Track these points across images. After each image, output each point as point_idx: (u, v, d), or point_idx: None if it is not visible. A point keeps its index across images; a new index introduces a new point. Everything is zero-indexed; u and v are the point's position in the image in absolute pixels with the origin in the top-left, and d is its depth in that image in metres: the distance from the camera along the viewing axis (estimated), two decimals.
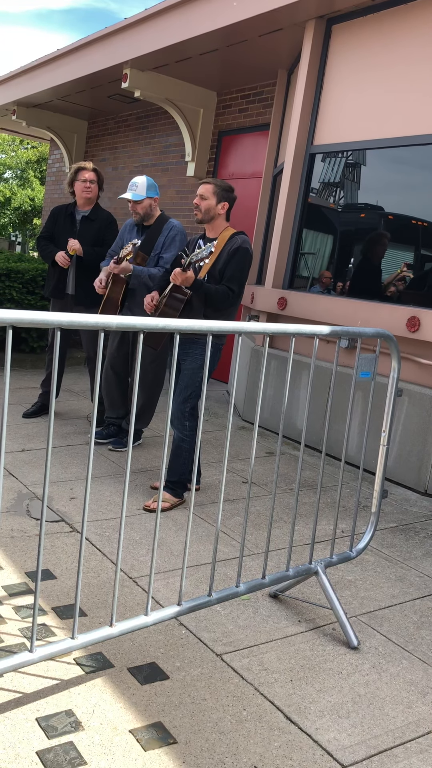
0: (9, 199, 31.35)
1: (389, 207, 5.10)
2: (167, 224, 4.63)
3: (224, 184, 3.85)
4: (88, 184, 5.19)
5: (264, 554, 3.34)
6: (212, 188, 3.82)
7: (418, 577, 3.32)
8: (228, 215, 3.91)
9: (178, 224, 4.65)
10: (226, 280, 3.76)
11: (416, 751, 2.11)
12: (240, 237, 3.82)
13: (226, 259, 3.79)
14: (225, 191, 3.82)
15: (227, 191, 3.83)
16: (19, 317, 1.76)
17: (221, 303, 3.76)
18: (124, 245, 4.74)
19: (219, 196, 3.81)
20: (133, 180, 4.56)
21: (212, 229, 3.90)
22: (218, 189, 3.82)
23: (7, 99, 10.08)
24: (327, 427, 2.69)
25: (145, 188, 4.53)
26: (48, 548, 3.23)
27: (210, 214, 3.83)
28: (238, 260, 3.76)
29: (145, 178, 4.55)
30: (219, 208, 3.82)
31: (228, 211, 3.89)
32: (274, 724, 2.16)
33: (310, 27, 5.53)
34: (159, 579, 3.04)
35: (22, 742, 1.98)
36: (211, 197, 3.81)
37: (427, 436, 4.48)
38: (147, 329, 2.06)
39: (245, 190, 7.68)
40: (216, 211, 3.83)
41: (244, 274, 3.79)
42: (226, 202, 3.83)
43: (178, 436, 3.88)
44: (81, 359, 7.73)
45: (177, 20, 6.45)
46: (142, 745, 2.01)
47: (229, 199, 3.85)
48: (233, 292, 3.76)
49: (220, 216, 3.86)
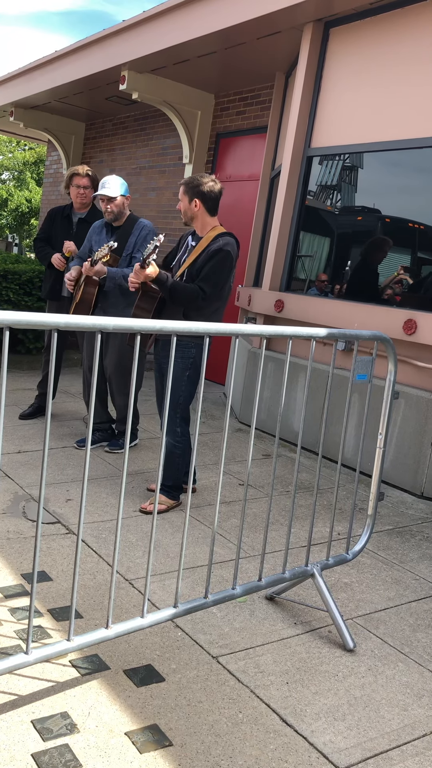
0: (6, 200, 31.36)
1: (386, 210, 5.11)
2: (138, 224, 4.61)
3: (191, 180, 3.74)
4: (82, 190, 5.20)
5: (260, 556, 3.34)
6: (182, 189, 3.77)
7: (414, 579, 3.32)
8: (212, 210, 3.78)
9: (148, 223, 4.63)
10: (200, 279, 3.66)
11: (412, 753, 2.11)
12: (223, 238, 3.71)
13: (205, 258, 3.69)
14: (192, 188, 3.72)
15: (195, 187, 3.71)
16: (15, 318, 1.76)
17: (189, 302, 3.64)
18: (93, 247, 4.71)
19: (189, 195, 3.74)
20: (105, 179, 4.54)
21: (200, 228, 3.83)
22: (186, 187, 3.75)
23: (4, 100, 10.09)
24: (324, 429, 2.70)
25: (119, 186, 4.52)
26: (44, 550, 3.23)
27: (188, 214, 3.78)
28: (216, 261, 3.66)
29: (116, 177, 4.54)
30: (192, 206, 3.75)
31: (209, 206, 3.76)
32: (269, 727, 2.16)
33: (308, 30, 5.54)
34: (155, 581, 3.03)
35: (17, 744, 1.97)
36: (183, 198, 3.77)
37: (423, 438, 4.48)
38: (143, 330, 2.06)
39: (242, 193, 7.69)
40: (192, 211, 3.76)
41: (221, 276, 3.67)
42: (196, 198, 3.72)
43: (171, 443, 3.82)
44: (77, 361, 7.72)
45: (175, 23, 6.46)
46: (138, 748, 2.01)
47: (199, 194, 3.71)
48: (204, 292, 3.64)
49: (199, 214, 3.77)
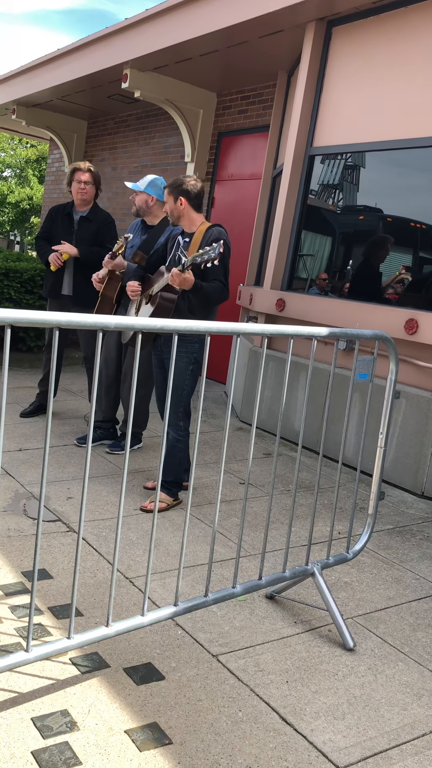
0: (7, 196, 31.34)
1: (388, 209, 5.11)
2: (169, 227, 4.64)
3: (174, 181, 3.92)
4: (83, 185, 5.19)
5: (261, 555, 3.34)
6: (166, 191, 3.95)
7: (414, 579, 3.32)
8: (197, 207, 3.95)
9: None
10: (214, 274, 3.80)
11: (411, 753, 2.12)
12: (216, 229, 3.88)
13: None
14: (176, 188, 3.89)
15: (177, 187, 3.89)
16: (17, 316, 1.76)
17: (219, 299, 3.85)
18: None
19: (173, 195, 3.90)
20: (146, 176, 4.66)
21: (188, 225, 3.96)
22: (170, 189, 3.92)
23: (7, 98, 10.08)
24: (324, 428, 2.70)
25: (147, 183, 4.56)
26: (45, 548, 3.23)
27: (174, 214, 3.94)
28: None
29: (152, 176, 4.60)
30: (178, 204, 3.90)
31: (194, 203, 3.92)
32: (269, 726, 2.16)
33: (311, 29, 5.53)
34: (155, 579, 3.04)
35: (18, 741, 1.98)
36: (168, 199, 3.94)
37: (424, 438, 4.48)
38: (145, 329, 2.06)
39: (244, 192, 7.68)
40: (178, 210, 3.91)
41: (227, 263, 3.88)
42: (180, 196, 3.88)
43: (173, 437, 3.89)
44: (79, 359, 7.72)
45: (177, 21, 6.45)
46: (138, 746, 2.01)
47: (183, 192, 3.88)
48: (224, 284, 3.84)
49: (185, 212, 3.92)
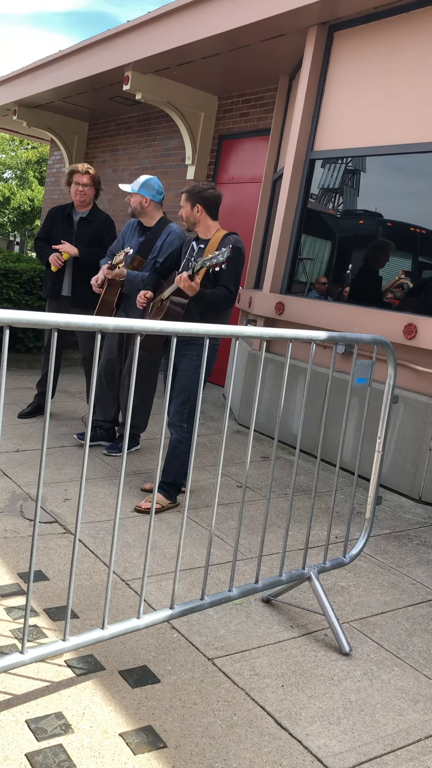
0: (8, 198, 31.34)
1: (388, 214, 5.11)
2: (167, 228, 4.64)
3: (193, 188, 3.92)
4: (81, 188, 5.19)
5: (257, 559, 3.34)
6: (184, 196, 3.94)
7: (410, 584, 3.32)
8: (214, 215, 3.94)
9: (177, 229, 4.64)
10: (223, 280, 3.81)
11: (406, 758, 2.11)
12: (233, 236, 3.88)
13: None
14: (194, 194, 3.89)
15: (196, 194, 3.88)
16: (16, 317, 1.76)
17: (223, 306, 3.84)
18: (124, 244, 4.75)
19: (191, 201, 3.90)
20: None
21: (204, 232, 3.96)
22: (188, 195, 3.92)
23: (8, 99, 10.09)
24: (322, 432, 2.70)
25: (140, 184, 4.54)
26: (41, 549, 3.22)
27: (190, 220, 3.94)
28: (233, 260, 3.82)
29: (146, 177, 4.58)
30: (195, 211, 3.90)
31: (211, 211, 3.92)
32: (264, 730, 2.16)
33: (312, 33, 5.54)
34: (152, 582, 3.03)
35: (11, 743, 1.97)
36: (185, 204, 3.93)
37: (422, 443, 4.48)
38: (144, 331, 2.06)
39: (244, 195, 7.69)
40: (194, 216, 3.91)
41: (239, 272, 3.87)
42: (198, 203, 3.88)
43: (176, 438, 3.89)
44: (77, 360, 7.72)
45: (179, 24, 6.46)
46: (132, 749, 2.00)
47: (201, 200, 3.88)
48: (231, 292, 3.82)
49: (201, 218, 3.92)
